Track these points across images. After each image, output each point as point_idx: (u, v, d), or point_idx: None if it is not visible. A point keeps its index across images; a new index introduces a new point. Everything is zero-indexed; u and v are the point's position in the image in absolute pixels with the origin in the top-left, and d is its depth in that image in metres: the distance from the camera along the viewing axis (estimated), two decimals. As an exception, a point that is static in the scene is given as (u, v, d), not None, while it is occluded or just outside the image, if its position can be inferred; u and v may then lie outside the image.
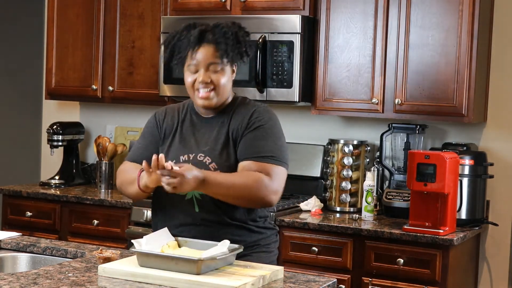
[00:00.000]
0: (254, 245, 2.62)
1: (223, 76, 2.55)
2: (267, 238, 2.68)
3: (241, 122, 2.59)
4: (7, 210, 4.54)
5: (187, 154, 2.60)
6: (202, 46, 2.53)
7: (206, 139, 2.61)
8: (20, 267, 2.73)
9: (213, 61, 2.53)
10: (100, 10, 4.57)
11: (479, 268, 3.97)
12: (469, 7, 3.65)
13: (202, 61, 2.53)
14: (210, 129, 2.62)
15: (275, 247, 2.74)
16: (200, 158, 2.57)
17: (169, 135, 2.68)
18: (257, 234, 2.64)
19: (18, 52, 6.22)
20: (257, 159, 2.51)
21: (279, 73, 3.92)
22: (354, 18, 3.89)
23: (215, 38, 2.52)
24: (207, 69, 2.54)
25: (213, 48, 2.52)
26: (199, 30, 2.54)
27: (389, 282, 3.53)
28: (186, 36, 2.55)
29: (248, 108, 2.63)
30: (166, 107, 2.80)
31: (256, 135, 2.56)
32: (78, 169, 4.81)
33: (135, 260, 2.37)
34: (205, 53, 2.53)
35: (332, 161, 4.05)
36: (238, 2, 4.11)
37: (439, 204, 3.50)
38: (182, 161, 2.58)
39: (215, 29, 2.55)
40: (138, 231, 3.91)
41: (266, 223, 2.70)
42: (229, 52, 2.53)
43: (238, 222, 2.58)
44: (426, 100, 3.75)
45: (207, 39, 2.53)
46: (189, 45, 2.53)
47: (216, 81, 2.54)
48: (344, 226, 3.63)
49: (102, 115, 4.97)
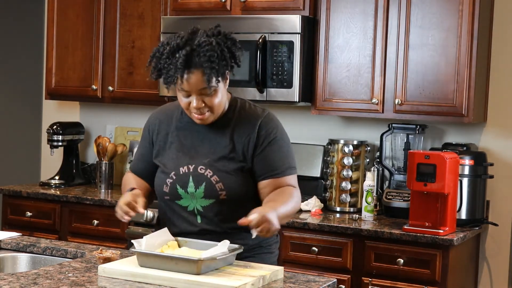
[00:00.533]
0: (256, 246, 2.62)
1: (216, 96, 2.47)
2: (269, 239, 2.67)
3: (248, 137, 2.55)
4: (7, 210, 4.54)
5: (187, 165, 2.56)
6: (190, 72, 2.41)
7: (206, 149, 2.57)
8: (20, 267, 2.73)
9: (203, 86, 2.43)
10: (100, 10, 4.57)
11: (479, 268, 3.97)
12: (469, 7, 3.64)
13: (192, 88, 2.43)
14: (210, 139, 2.58)
15: (276, 248, 2.74)
16: (201, 170, 2.54)
17: (164, 143, 2.64)
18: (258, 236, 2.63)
19: (18, 52, 6.22)
20: (276, 176, 2.55)
21: (279, 73, 3.92)
22: (354, 18, 3.89)
23: (201, 62, 2.40)
24: (200, 93, 2.45)
25: (201, 72, 2.40)
26: (184, 54, 2.40)
27: (389, 282, 3.53)
28: (172, 61, 2.42)
29: (251, 118, 2.57)
30: (161, 110, 2.73)
31: (269, 152, 2.55)
32: (78, 169, 4.81)
33: (135, 260, 2.37)
34: (194, 80, 2.41)
35: (332, 161, 4.05)
36: (238, 2, 4.11)
37: (439, 204, 3.50)
38: (182, 173, 2.55)
39: (199, 49, 2.40)
40: (138, 231, 3.91)
41: None
42: (218, 73, 2.42)
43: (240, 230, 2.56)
44: (426, 100, 3.75)
45: (194, 63, 2.40)
46: (176, 72, 2.41)
47: (210, 103, 2.47)
48: (344, 226, 3.63)
49: (102, 115, 4.97)
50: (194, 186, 2.54)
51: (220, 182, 2.52)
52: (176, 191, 2.56)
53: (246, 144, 2.55)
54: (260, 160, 2.55)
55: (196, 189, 2.53)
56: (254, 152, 2.55)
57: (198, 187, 2.53)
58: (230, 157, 2.55)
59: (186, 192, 2.55)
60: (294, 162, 2.61)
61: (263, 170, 2.55)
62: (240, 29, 3.97)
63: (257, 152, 2.55)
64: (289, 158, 2.59)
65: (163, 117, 2.69)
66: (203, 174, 2.54)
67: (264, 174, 2.55)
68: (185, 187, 2.55)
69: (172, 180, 2.57)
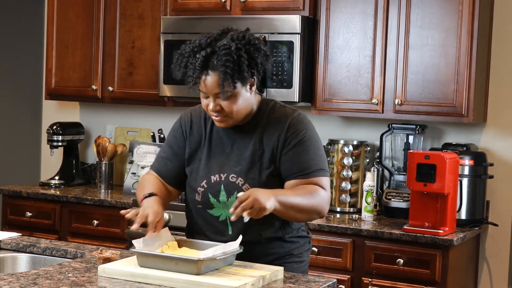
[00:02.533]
0: (287, 255, 2.57)
1: (234, 102, 2.42)
2: (300, 247, 2.62)
3: (277, 138, 2.49)
4: (7, 210, 4.54)
5: (218, 174, 2.52)
6: (207, 74, 2.38)
7: (237, 156, 2.52)
8: (20, 267, 2.73)
9: (219, 91, 2.39)
10: (100, 10, 4.57)
11: (479, 268, 3.97)
12: (469, 7, 3.65)
13: (209, 91, 2.41)
14: (240, 145, 2.53)
15: (307, 255, 2.67)
16: (232, 179, 2.50)
17: (196, 148, 2.59)
18: (289, 244, 2.58)
19: (18, 52, 6.23)
20: (304, 177, 2.47)
21: (279, 73, 3.92)
22: (354, 18, 3.89)
23: (218, 66, 2.37)
24: (216, 97, 2.42)
25: (218, 76, 2.37)
26: (203, 55, 2.38)
27: (389, 282, 3.53)
28: (192, 60, 2.40)
29: (281, 119, 2.52)
30: (191, 112, 2.65)
31: (297, 151, 2.48)
32: (78, 169, 4.81)
33: (135, 260, 2.37)
34: (211, 83, 2.39)
35: (332, 161, 4.05)
36: (238, 2, 4.11)
37: (439, 204, 3.50)
38: (213, 181, 2.52)
39: (219, 52, 2.37)
40: (138, 231, 3.89)
41: (300, 231, 2.63)
42: (234, 79, 2.37)
43: (271, 238, 2.54)
44: (426, 100, 3.75)
45: (212, 65, 2.37)
46: (194, 72, 2.39)
47: (228, 108, 2.42)
48: (344, 226, 3.63)
49: (102, 115, 4.96)
50: (226, 195, 2.50)
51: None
52: (208, 200, 2.53)
53: (275, 146, 2.50)
54: (287, 160, 2.48)
55: (228, 198, 2.50)
56: (281, 152, 2.49)
57: (230, 196, 2.50)
58: (261, 163, 2.49)
59: (218, 201, 2.51)
60: (324, 164, 2.52)
61: (290, 170, 2.48)
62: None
63: (284, 151, 2.49)
64: (318, 160, 2.50)
65: (195, 118, 2.63)
66: (234, 182, 2.50)
67: (291, 175, 2.48)
68: (217, 196, 2.51)
69: (204, 189, 2.53)
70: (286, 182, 2.49)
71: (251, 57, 2.41)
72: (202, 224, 2.58)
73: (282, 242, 2.56)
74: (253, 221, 2.39)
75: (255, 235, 2.51)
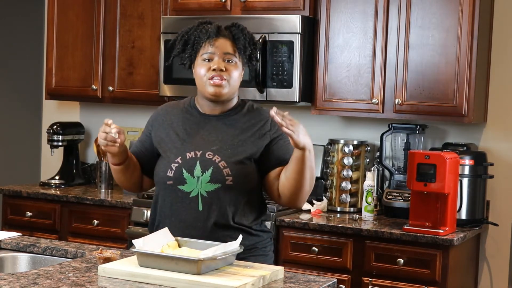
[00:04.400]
0: (252, 248, 2.62)
1: (236, 69, 2.59)
2: (263, 241, 2.67)
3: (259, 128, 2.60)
4: (7, 210, 4.54)
5: (194, 151, 2.58)
6: (220, 38, 2.58)
7: (213, 138, 2.60)
8: (20, 267, 2.73)
9: (229, 51, 2.57)
10: (100, 10, 4.57)
11: (479, 268, 3.97)
12: (469, 7, 3.65)
13: (219, 49, 2.57)
14: (217, 129, 2.62)
15: (271, 250, 2.74)
16: (208, 156, 2.56)
17: (169, 130, 2.66)
18: (254, 237, 2.63)
19: (18, 52, 6.23)
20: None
21: (279, 73, 3.92)
22: (354, 18, 3.89)
23: (233, 34, 2.59)
24: (223, 58, 2.57)
25: (230, 42, 2.58)
26: (217, 25, 2.61)
27: (389, 282, 3.53)
28: (204, 28, 2.59)
29: (260, 112, 2.66)
30: (167, 104, 2.80)
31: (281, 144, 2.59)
32: (78, 169, 4.81)
33: (135, 260, 2.37)
34: (223, 44, 2.57)
35: (332, 161, 4.05)
36: (238, 2, 4.11)
37: (439, 204, 3.50)
38: (188, 158, 2.57)
39: (232, 26, 2.62)
40: (138, 231, 3.91)
41: (263, 225, 2.70)
42: (245, 48, 2.60)
43: (240, 225, 2.58)
44: (426, 100, 3.75)
45: (225, 33, 2.59)
46: (207, 36, 2.57)
47: (230, 71, 2.57)
48: (344, 226, 3.63)
49: (102, 115, 4.96)
50: (201, 170, 2.54)
51: (227, 167, 2.53)
52: (182, 175, 2.56)
53: (256, 135, 2.59)
54: (272, 151, 2.58)
55: (203, 173, 2.54)
56: (269, 144, 2.58)
57: (205, 171, 2.54)
58: (239, 146, 2.57)
59: (192, 176, 2.55)
60: None
61: (275, 160, 2.58)
62: (240, 29, 3.97)
63: (272, 144, 2.59)
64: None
65: (170, 107, 2.74)
66: (211, 159, 2.55)
67: (277, 164, 2.58)
68: (191, 171, 2.55)
69: (178, 165, 2.57)
70: (271, 171, 2.59)
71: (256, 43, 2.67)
72: (169, 204, 2.61)
73: (248, 234, 2.60)
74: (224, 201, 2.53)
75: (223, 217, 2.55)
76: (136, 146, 2.76)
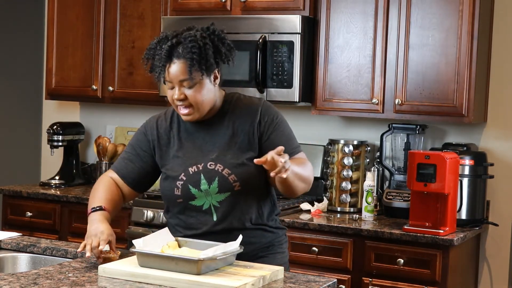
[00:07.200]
0: (270, 245, 2.61)
1: (199, 91, 2.47)
2: (279, 238, 2.66)
3: (251, 124, 2.55)
4: (7, 210, 4.54)
5: (195, 165, 2.54)
6: (172, 63, 2.45)
7: (211, 146, 2.56)
8: (20, 267, 2.73)
9: (184, 78, 2.44)
10: (100, 10, 4.57)
11: (479, 268, 3.97)
12: (469, 7, 3.65)
13: (173, 78, 2.46)
14: (212, 135, 2.57)
15: (287, 247, 2.72)
16: (211, 166, 2.52)
17: (167, 149, 2.61)
18: (271, 235, 2.62)
19: (18, 52, 6.23)
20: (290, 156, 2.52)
21: (279, 73, 3.92)
22: (354, 18, 3.89)
23: (183, 54, 2.43)
24: (181, 85, 2.46)
25: (183, 63, 2.44)
26: (169, 45, 2.45)
27: (389, 282, 3.53)
28: (158, 52, 2.47)
29: (250, 106, 2.58)
30: (156, 117, 2.69)
31: (275, 136, 2.56)
32: (78, 169, 4.81)
33: (135, 260, 2.37)
34: (176, 70, 2.44)
35: (332, 161, 4.05)
36: (238, 2, 4.11)
37: (439, 204, 3.50)
38: (192, 172, 2.53)
39: (184, 42, 2.45)
40: (138, 231, 3.91)
41: (277, 222, 2.68)
42: (201, 66, 2.44)
43: (257, 224, 2.57)
44: (426, 100, 3.75)
45: (177, 54, 2.44)
46: (160, 62, 2.45)
47: (192, 97, 2.46)
48: (344, 226, 3.63)
49: (102, 115, 4.97)
50: (207, 182, 2.52)
51: (232, 174, 2.51)
52: (189, 192, 2.53)
53: (250, 132, 2.55)
54: (268, 146, 2.52)
55: (209, 185, 2.52)
56: (260, 140, 2.55)
57: (211, 183, 2.52)
58: (236, 148, 2.54)
59: (199, 190, 2.53)
60: (297, 141, 2.64)
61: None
62: (240, 29, 3.97)
63: (264, 139, 2.55)
64: (293, 139, 2.62)
65: (161, 122, 2.66)
66: (213, 169, 2.52)
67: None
68: (198, 185, 2.52)
69: (183, 182, 2.54)
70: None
71: (215, 46, 2.48)
72: (184, 219, 2.59)
73: (264, 232, 2.59)
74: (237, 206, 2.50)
75: (239, 222, 2.54)
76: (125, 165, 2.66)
